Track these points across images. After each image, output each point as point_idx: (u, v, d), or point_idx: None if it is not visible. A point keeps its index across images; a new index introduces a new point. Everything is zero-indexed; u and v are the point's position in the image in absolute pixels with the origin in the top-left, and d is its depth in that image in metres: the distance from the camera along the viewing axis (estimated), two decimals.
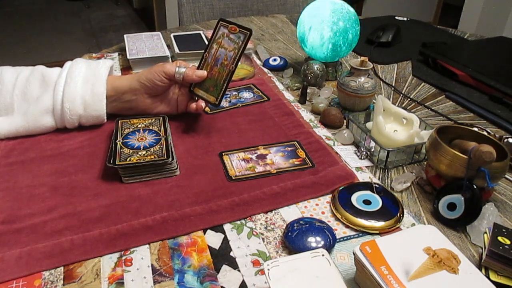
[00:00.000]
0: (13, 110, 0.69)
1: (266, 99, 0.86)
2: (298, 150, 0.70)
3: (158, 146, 0.64)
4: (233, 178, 0.63)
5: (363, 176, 0.66)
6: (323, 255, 0.44)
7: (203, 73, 0.71)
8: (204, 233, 0.54)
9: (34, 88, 0.70)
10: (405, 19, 1.44)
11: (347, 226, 0.56)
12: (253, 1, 1.61)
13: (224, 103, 0.85)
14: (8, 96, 0.69)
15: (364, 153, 0.70)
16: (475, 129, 0.66)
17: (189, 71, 0.71)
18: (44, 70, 0.72)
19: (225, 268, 0.49)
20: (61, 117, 0.70)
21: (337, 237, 0.54)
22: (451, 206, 0.57)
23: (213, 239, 0.53)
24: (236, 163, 0.66)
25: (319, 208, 0.59)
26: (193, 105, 0.73)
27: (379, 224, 0.55)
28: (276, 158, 0.68)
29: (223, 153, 0.69)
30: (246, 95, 0.88)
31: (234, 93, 0.89)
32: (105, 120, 0.74)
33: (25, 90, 0.70)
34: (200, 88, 0.72)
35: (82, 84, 0.70)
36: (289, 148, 0.70)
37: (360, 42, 1.10)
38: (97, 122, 0.73)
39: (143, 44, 1.02)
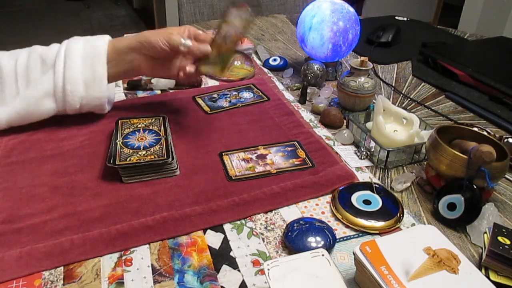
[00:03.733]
0: (18, 93, 0.68)
1: (266, 99, 0.86)
2: (298, 150, 0.70)
3: (158, 146, 0.64)
4: (233, 178, 0.63)
5: (363, 176, 0.66)
6: (323, 255, 0.44)
7: (207, 48, 0.70)
8: (204, 233, 0.54)
9: (36, 72, 0.69)
10: (405, 19, 1.44)
11: (347, 226, 0.56)
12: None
13: (224, 103, 0.85)
14: (8, 81, 0.68)
15: (364, 153, 0.70)
16: (475, 129, 0.66)
17: (194, 46, 0.69)
18: (43, 52, 0.71)
19: (225, 268, 0.49)
20: (63, 99, 0.69)
21: (337, 237, 0.54)
22: (451, 206, 0.57)
23: (213, 239, 0.53)
24: (236, 163, 0.66)
25: (319, 208, 0.59)
26: (191, 68, 0.71)
27: (379, 224, 0.55)
28: (276, 158, 0.68)
29: (223, 153, 0.69)
30: (246, 95, 0.88)
31: (234, 93, 0.89)
32: (106, 106, 0.74)
33: (28, 78, 0.69)
34: (206, 63, 0.71)
35: (82, 65, 0.69)
36: (289, 148, 0.70)
37: (360, 42, 1.10)
38: (98, 105, 0.72)
39: None
